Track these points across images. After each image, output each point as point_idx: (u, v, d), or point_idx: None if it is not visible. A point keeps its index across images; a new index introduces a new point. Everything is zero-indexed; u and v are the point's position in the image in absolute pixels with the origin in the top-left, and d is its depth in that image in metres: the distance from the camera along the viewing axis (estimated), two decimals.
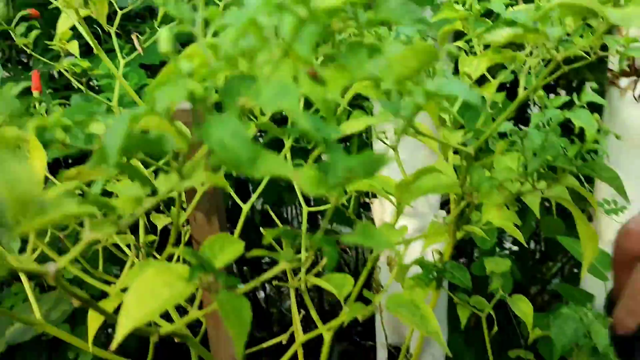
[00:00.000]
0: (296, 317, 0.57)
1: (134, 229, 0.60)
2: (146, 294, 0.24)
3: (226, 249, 0.30)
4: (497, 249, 1.45)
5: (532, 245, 1.51)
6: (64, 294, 0.71)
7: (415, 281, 0.46)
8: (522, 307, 0.51)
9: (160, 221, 0.65)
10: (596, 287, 0.93)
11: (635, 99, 0.84)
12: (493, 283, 0.52)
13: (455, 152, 0.45)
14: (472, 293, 0.56)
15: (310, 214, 0.64)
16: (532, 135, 0.33)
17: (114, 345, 0.23)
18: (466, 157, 0.35)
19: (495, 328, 0.49)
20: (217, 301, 0.23)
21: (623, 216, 0.83)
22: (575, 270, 1.41)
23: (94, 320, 0.43)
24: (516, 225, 0.53)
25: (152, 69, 1.04)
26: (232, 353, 0.53)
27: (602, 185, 0.93)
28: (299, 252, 0.54)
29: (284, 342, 0.58)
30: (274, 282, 0.56)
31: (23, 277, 0.55)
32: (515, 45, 0.39)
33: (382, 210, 0.99)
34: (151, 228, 0.68)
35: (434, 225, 0.57)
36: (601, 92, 0.96)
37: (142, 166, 0.51)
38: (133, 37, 0.71)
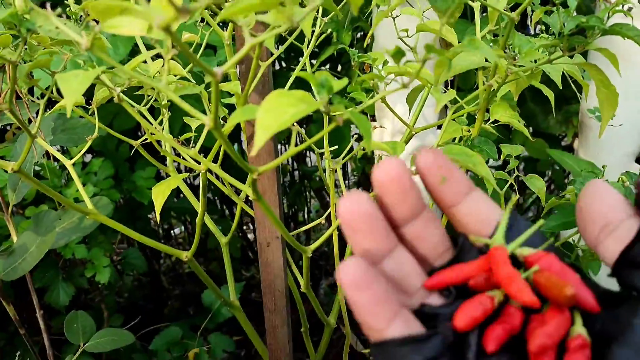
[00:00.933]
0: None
1: None
2: (275, 111, 0.28)
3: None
4: None
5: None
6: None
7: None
8: (537, 184, 0.57)
9: None
10: None
11: None
12: (510, 164, 0.58)
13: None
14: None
15: None
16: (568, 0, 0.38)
17: (254, 151, 0.27)
18: (508, 23, 0.39)
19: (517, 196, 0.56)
20: (344, 114, 0.28)
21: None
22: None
23: (159, 195, 0.47)
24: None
25: None
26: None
27: (590, 96, 0.99)
28: None
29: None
30: None
31: None
32: None
33: (381, 138, 1.03)
34: None
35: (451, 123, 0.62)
36: None
37: None
38: None
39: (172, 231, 2.00)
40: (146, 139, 0.60)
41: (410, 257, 0.29)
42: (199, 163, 0.46)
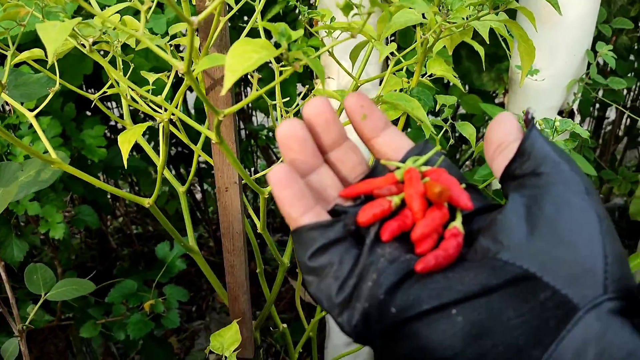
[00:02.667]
0: None
1: None
2: (241, 57, 0.33)
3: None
4: None
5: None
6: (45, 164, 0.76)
7: None
8: (468, 130, 0.64)
9: None
10: None
11: None
12: (445, 112, 0.64)
13: None
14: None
15: None
16: None
17: (224, 91, 0.31)
18: None
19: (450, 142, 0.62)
20: (302, 59, 0.32)
21: (537, 77, 0.98)
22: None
23: (125, 143, 0.50)
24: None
25: None
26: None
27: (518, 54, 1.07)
28: None
29: None
30: None
31: None
32: None
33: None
34: None
35: (391, 77, 0.68)
36: None
37: None
38: None
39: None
40: (105, 92, 0.63)
41: (332, 175, 0.36)
42: (164, 111, 0.49)
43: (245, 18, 1.45)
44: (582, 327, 0.27)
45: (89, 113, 1.43)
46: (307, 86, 0.81)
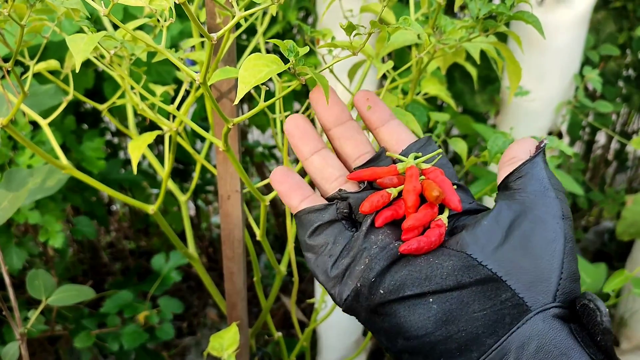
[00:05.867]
0: None
1: None
2: (253, 70, 0.36)
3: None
4: None
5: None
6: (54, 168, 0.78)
7: None
8: (459, 145, 0.67)
9: None
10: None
11: (537, 3, 1.01)
12: (438, 128, 0.67)
13: None
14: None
15: None
16: None
17: (236, 100, 0.34)
18: (436, 7, 0.48)
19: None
20: (308, 76, 0.35)
21: (527, 98, 1.02)
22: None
23: (135, 150, 0.53)
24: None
25: None
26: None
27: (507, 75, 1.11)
28: None
29: None
30: None
31: None
32: None
33: None
34: None
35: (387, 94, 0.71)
36: None
37: None
38: None
39: (111, 206, 2.01)
40: (114, 103, 0.66)
41: (333, 156, 0.42)
42: (173, 120, 0.52)
43: (244, 36, 1.49)
44: (530, 325, 0.32)
45: (85, 126, 1.46)
46: (308, 101, 0.84)
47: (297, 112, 0.91)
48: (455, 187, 0.39)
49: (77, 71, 0.33)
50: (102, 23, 0.81)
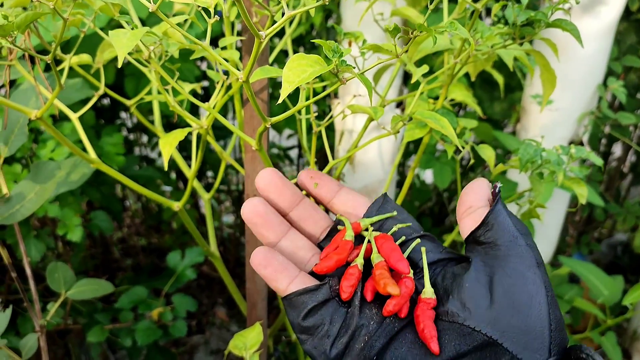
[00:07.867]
0: None
1: None
2: (297, 70, 0.36)
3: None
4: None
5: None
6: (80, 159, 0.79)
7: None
8: (487, 152, 0.66)
9: None
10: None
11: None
12: (465, 134, 0.67)
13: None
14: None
15: None
16: None
17: (280, 99, 0.34)
18: (475, 12, 0.48)
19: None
20: (350, 74, 0.35)
21: (549, 107, 1.01)
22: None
23: (166, 145, 0.53)
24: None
25: None
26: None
27: (536, 82, 1.10)
28: None
29: None
30: None
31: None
32: None
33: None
34: None
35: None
36: None
37: None
38: None
39: (125, 201, 2.02)
40: (142, 98, 0.66)
41: (301, 237, 0.42)
42: (206, 119, 0.52)
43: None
44: None
45: (102, 122, 1.47)
46: (339, 101, 0.84)
47: (332, 111, 0.91)
48: (419, 239, 0.40)
49: (119, 66, 0.33)
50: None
